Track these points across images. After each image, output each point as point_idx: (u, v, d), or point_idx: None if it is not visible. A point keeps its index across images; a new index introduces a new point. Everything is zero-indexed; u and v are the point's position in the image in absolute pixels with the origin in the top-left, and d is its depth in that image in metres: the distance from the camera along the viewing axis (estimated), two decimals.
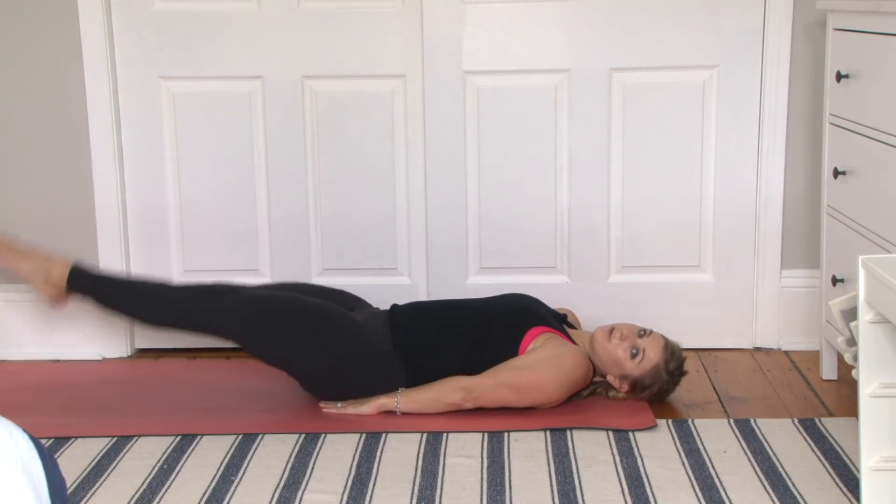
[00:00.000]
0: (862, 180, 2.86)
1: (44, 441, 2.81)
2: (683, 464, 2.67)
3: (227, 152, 3.49)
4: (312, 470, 2.67)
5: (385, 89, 3.45)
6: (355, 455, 2.75)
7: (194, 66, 3.44)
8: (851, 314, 2.18)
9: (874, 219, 2.77)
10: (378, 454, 2.75)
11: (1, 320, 3.55)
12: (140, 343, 3.60)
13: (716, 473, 2.62)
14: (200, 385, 3.26)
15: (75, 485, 2.60)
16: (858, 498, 2.20)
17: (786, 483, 2.56)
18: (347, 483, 2.60)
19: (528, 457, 2.72)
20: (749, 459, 2.69)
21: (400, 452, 2.75)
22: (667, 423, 2.91)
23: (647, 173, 3.45)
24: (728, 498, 2.49)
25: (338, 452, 2.76)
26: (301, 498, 2.52)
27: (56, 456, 2.69)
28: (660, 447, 2.77)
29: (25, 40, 3.41)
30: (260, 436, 2.87)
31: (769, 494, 2.50)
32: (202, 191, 3.52)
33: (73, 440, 2.86)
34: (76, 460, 2.73)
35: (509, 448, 2.77)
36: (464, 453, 2.74)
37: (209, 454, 2.77)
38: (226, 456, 2.76)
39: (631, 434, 2.84)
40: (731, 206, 3.45)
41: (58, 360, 3.53)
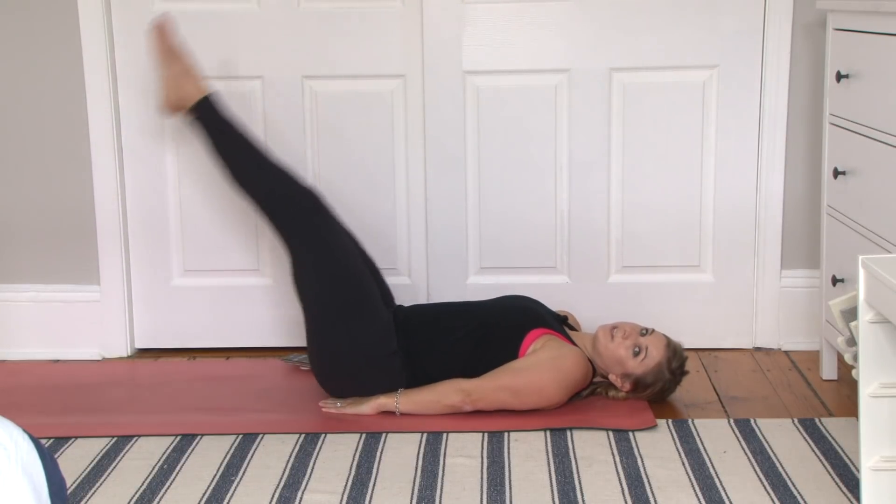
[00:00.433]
0: (862, 180, 2.86)
1: (44, 441, 2.81)
2: (683, 464, 2.67)
3: None
4: (312, 470, 2.67)
5: (385, 89, 3.45)
6: (355, 455, 2.75)
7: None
8: (851, 314, 2.18)
9: (874, 219, 2.77)
10: (378, 454, 2.75)
11: (1, 320, 3.55)
12: (140, 343, 3.60)
13: (716, 473, 2.62)
14: (200, 385, 3.26)
15: (75, 485, 2.60)
16: (858, 498, 2.20)
17: (786, 483, 2.56)
18: (347, 483, 2.60)
19: (528, 457, 2.72)
20: (749, 459, 2.69)
21: (400, 452, 2.75)
22: (667, 423, 2.91)
23: (647, 173, 3.45)
24: (728, 498, 2.49)
25: (338, 452, 2.76)
26: (301, 498, 2.52)
27: (56, 456, 2.69)
28: (660, 447, 2.77)
29: (25, 40, 3.41)
30: (260, 436, 2.87)
31: (769, 494, 2.50)
32: (202, 191, 3.51)
33: (73, 440, 2.86)
34: (76, 460, 2.73)
35: (509, 448, 2.77)
36: (464, 453, 2.74)
37: (209, 454, 2.77)
38: (226, 456, 2.76)
39: (631, 434, 2.84)
40: (731, 206, 3.45)
41: (58, 360, 3.53)
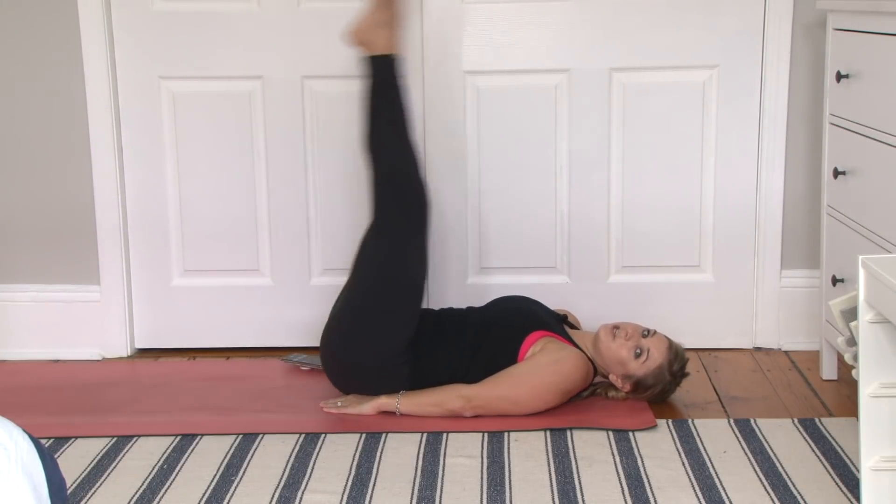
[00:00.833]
0: (862, 180, 2.86)
1: (44, 441, 2.81)
2: (683, 464, 2.67)
3: (227, 152, 3.49)
4: (312, 470, 2.67)
5: None
6: (355, 455, 2.75)
7: (194, 66, 3.44)
8: (851, 314, 2.18)
9: (874, 219, 2.77)
10: (378, 454, 2.75)
11: (1, 320, 3.55)
12: (140, 343, 3.60)
13: (716, 473, 2.61)
14: (200, 385, 3.26)
15: (75, 485, 2.60)
16: (858, 498, 2.20)
17: (786, 483, 2.56)
18: (347, 483, 2.59)
19: (528, 457, 2.72)
20: (749, 459, 2.69)
21: (400, 452, 2.75)
22: (667, 423, 2.91)
23: (647, 173, 3.45)
24: (728, 498, 2.49)
25: (338, 452, 2.76)
26: (301, 498, 2.52)
27: (56, 456, 2.69)
28: (660, 447, 2.76)
29: (25, 40, 3.41)
30: (260, 436, 2.87)
31: (769, 494, 2.50)
32: (202, 191, 3.51)
33: (73, 440, 2.86)
34: (76, 460, 2.73)
35: (509, 448, 2.77)
36: (464, 453, 2.74)
37: (209, 454, 2.77)
38: (226, 456, 2.76)
39: (631, 434, 2.84)
40: (732, 206, 3.45)
41: (58, 360, 3.53)
